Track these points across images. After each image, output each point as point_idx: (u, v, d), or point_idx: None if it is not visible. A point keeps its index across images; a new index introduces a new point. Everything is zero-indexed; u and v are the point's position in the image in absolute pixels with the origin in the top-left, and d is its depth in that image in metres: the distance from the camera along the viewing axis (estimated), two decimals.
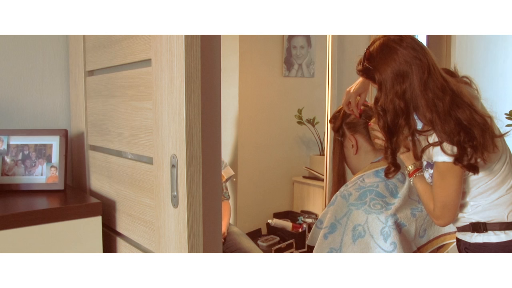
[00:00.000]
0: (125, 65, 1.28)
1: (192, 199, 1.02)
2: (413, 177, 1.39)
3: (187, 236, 1.02)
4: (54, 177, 1.44)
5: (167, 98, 1.06)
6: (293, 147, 3.19)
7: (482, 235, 1.37)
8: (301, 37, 3.11)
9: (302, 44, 3.13)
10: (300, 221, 2.88)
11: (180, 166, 1.02)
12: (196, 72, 1.01)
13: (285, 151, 3.18)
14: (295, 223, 2.88)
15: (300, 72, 3.14)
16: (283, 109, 3.07)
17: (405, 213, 1.46)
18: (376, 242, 1.42)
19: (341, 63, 2.33)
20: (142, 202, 1.22)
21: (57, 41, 1.61)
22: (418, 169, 1.39)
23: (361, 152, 1.59)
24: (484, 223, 1.37)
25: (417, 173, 1.39)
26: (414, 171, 1.39)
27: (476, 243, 1.38)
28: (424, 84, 1.27)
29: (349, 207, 1.48)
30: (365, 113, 1.58)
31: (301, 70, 3.14)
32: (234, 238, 2.33)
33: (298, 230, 2.80)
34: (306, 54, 3.14)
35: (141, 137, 1.21)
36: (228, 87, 3.00)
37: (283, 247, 2.82)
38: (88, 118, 1.51)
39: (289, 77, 3.11)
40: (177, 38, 1.01)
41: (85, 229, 1.30)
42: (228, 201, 2.49)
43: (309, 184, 3.09)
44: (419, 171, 1.39)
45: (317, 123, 2.94)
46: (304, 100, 3.07)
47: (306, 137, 3.18)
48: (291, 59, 3.10)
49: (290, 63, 3.11)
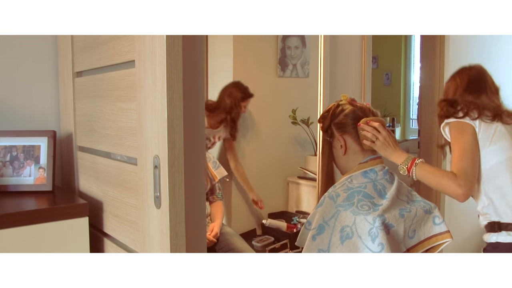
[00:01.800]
0: (111, 66, 1.28)
1: (174, 199, 1.02)
2: (414, 167, 1.41)
3: (170, 237, 1.03)
4: (42, 178, 1.44)
5: (150, 99, 1.06)
6: (288, 148, 3.19)
7: (496, 234, 1.39)
8: (296, 37, 3.11)
9: (297, 44, 3.12)
10: (294, 221, 2.88)
11: (162, 167, 1.03)
12: (178, 73, 1.01)
13: (280, 152, 3.17)
14: (290, 223, 2.87)
15: (294, 73, 3.14)
16: (278, 110, 3.07)
17: (393, 213, 1.46)
18: (364, 243, 1.42)
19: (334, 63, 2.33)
20: (127, 203, 1.23)
21: (46, 42, 1.61)
22: (414, 160, 1.41)
23: (350, 152, 1.59)
24: (499, 223, 1.40)
25: (416, 161, 1.41)
26: (412, 162, 1.41)
27: (490, 243, 1.40)
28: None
29: (337, 208, 1.48)
30: (354, 113, 1.58)
31: (295, 70, 3.14)
32: (227, 238, 2.33)
33: (293, 230, 2.79)
34: (300, 54, 3.13)
35: (126, 138, 1.21)
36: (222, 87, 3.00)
37: (278, 248, 2.81)
38: (76, 119, 1.51)
39: (284, 77, 3.11)
40: (159, 38, 1.01)
41: (72, 230, 1.30)
42: (221, 202, 2.49)
43: (304, 185, 3.09)
44: (416, 160, 1.41)
45: (311, 123, 2.94)
46: (299, 100, 3.07)
47: (301, 137, 3.17)
48: (285, 59, 3.10)
49: (285, 63, 3.11)
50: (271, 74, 3.08)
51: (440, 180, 1.40)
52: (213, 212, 2.42)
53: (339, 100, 1.65)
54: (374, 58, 5.15)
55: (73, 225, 1.30)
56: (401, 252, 1.49)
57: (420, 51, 3.01)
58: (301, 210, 3.05)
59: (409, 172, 1.46)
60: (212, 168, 2.47)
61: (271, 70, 3.08)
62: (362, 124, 1.55)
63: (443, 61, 2.62)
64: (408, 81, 4.95)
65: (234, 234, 2.38)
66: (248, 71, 3.00)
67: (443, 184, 1.38)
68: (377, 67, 5.17)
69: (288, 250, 2.83)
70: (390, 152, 1.53)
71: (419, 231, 1.54)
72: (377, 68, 5.18)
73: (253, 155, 3.08)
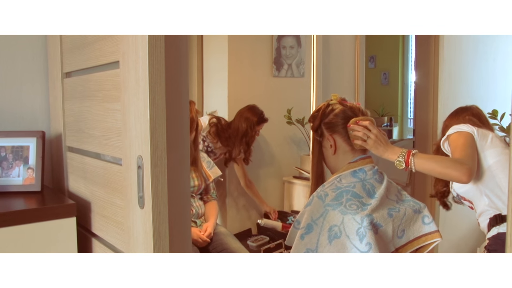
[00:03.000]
0: (97, 66, 1.28)
1: (157, 199, 1.03)
2: (412, 157, 1.41)
3: (153, 237, 1.03)
4: (31, 179, 1.45)
5: (133, 99, 1.06)
6: (283, 147, 3.20)
7: (498, 227, 1.41)
8: (291, 37, 3.11)
9: (292, 44, 3.12)
10: (290, 221, 2.88)
11: (146, 167, 1.03)
12: (160, 74, 1.01)
13: (276, 151, 3.18)
14: (285, 223, 2.87)
15: (290, 72, 3.14)
16: (273, 110, 3.07)
17: (382, 213, 1.46)
18: (352, 243, 1.42)
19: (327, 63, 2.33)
20: (114, 203, 1.23)
21: (36, 42, 1.61)
22: (409, 151, 1.42)
23: (340, 152, 1.59)
24: (500, 215, 1.45)
25: (412, 151, 1.41)
26: (408, 153, 1.41)
27: (492, 236, 1.43)
28: None
29: (325, 207, 1.48)
30: (344, 113, 1.58)
31: (291, 70, 3.14)
32: (220, 238, 2.33)
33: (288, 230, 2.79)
34: (296, 54, 3.13)
35: (112, 139, 1.21)
36: (217, 88, 3.01)
37: (272, 247, 2.82)
38: (65, 119, 1.52)
39: (279, 77, 3.11)
40: (141, 39, 1.01)
41: (60, 230, 1.30)
42: (215, 202, 2.50)
43: (299, 184, 3.10)
44: (412, 151, 1.42)
45: (306, 123, 2.94)
46: (294, 100, 3.08)
47: (297, 137, 3.18)
48: (280, 59, 3.10)
49: (280, 63, 3.11)
50: (266, 74, 3.08)
51: (441, 164, 1.38)
52: (207, 212, 2.42)
53: (330, 100, 1.65)
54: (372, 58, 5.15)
55: (61, 225, 1.30)
56: (390, 252, 1.49)
57: (415, 50, 3.01)
58: (296, 209, 3.06)
59: (408, 164, 1.44)
60: (207, 168, 2.47)
61: (266, 70, 3.08)
62: (352, 125, 1.55)
63: (438, 61, 2.61)
64: (405, 80, 4.95)
65: (228, 234, 2.38)
66: (243, 71, 3.00)
67: (446, 165, 1.37)
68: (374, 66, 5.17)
69: (283, 249, 2.83)
70: (383, 149, 1.52)
71: (408, 230, 1.54)
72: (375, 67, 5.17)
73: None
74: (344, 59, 2.44)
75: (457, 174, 1.36)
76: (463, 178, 1.39)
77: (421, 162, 1.41)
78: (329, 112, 1.60)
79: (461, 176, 1.38)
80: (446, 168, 1.39)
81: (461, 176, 1.38)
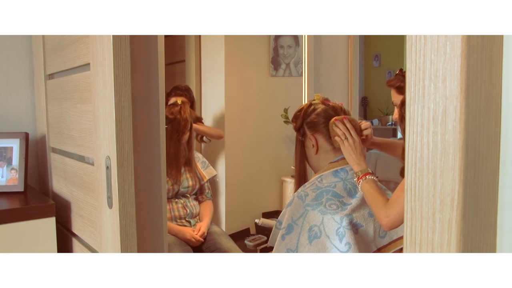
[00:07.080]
0: (73, 68, 1.30)
1: (124, 200, 1.04)
2: (362, 180, 1.40)
3: (120, 236, 1.04)
4: (14, 179, 1.47)
5: (101, 101, 1.07)
6: (281, 147, 3.19)
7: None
8: (289, 36, 3.11)
9: (290, 43, 3.12)
10: None
11: (113, 167, 1.04)
12: (125, 76, 1.02)
13: (273, 151, 3.18)
14: None
15: (287, 72, 3.14)
16: (271, 109, 3.07)
17: (362, 213, 1.45)
18: (332, 243, 1.42)
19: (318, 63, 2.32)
20: (89, 203, 1.24)
21: (20, 44, 1.64)
22: (366, 174, 1.40)
23: (321, 151, 1.58)
24: None
25: (367, 176, 1.39)
26: (364, 175, 1.40)
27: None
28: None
29: (305, 207, 1.48)
30: (325, 112, 1.58)
31: (288, 69, 3.14)
32: (214, 238, 2.33)
33: None
34: (293, 53, 3.13)
35: (86, 139, 1.23)
36: (214, 88, 3.01)
37: (269, 247, 2.82)
38: (49, 121, 1.54)
39: (277, 76, 3.11)
40: (107, 40, 1.02)
41: (40, 230, 1.32)
42: (210, 201, 2.50)
43: None
44: (369, 175, 1.39)
45: None
46: (292, 100, 3.07)
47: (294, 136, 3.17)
48: (278, 58, 3.10)
49: (278, 62, 3.10)
50: (263, 73, 3.08)
51: (375, 203, 1.39)
52: (201, 211, 2.43)
53: (312, 100, 1.65)
54: (377, 57, 5.11)
55: (41, 225, 1.32)
56: (371, 252, 1.48)
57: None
58: None
59: (358, 181, 1.46)
60: (201, 168, 2.48)
61: (264, 69, 3.08)
62: (337, 120, 1.53)
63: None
64: None
65: (222, 234, 2.38)
66: (240, 71, 3.00)
67: (377, 206, 1.38)
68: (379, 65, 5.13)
69: None
70: (353, 157, 1.49)
71: (391, 230, 1.52)
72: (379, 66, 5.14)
73: (246, 155, 3.09)
74: (338, 58, 2.42)
75: (380, 221, 1.38)
76: (383, 227, 1.40)
77: (364, 189, 1.41)
78: (311, 112, 1.60)
79: (382, 225, 1.39)
80: (376, 209, 1.40)
81: (382, 225, 1.39)
